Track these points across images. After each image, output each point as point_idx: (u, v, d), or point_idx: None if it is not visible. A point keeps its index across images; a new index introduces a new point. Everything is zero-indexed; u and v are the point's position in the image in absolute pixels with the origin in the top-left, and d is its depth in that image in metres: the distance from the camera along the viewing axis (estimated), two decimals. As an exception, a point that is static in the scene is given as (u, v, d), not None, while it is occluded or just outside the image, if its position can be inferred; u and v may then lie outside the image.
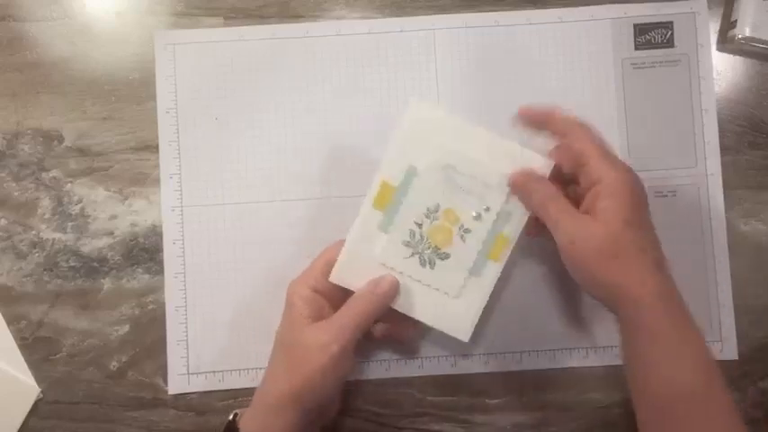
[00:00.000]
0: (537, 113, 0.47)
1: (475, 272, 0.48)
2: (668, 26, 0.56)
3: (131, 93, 0.56)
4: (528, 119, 0.48)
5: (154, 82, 0.56)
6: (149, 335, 0.55)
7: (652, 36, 0.56)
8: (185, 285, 0.55)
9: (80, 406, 0.55)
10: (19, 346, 0.54)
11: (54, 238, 0.55)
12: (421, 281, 0.48)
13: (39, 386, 0.54)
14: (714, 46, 0.57)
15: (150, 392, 0.55)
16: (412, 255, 0.48)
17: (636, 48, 0.56)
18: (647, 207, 0.44)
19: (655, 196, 0.55)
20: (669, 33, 0.56)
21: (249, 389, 0.54)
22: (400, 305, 0.48)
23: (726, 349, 0.55)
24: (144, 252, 0.55)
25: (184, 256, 0.55)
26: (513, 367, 0.55)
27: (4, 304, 0.55)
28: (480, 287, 0.48)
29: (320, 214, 0.55)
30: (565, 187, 0.46)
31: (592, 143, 0.44)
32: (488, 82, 0.56)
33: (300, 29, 0.56)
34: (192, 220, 0.55)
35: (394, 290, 0.47)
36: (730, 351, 0.55)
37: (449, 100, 0.56)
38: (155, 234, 0.55)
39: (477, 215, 0.47)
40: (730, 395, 0.40)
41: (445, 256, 0.48)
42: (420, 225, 0.48)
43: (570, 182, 0.46)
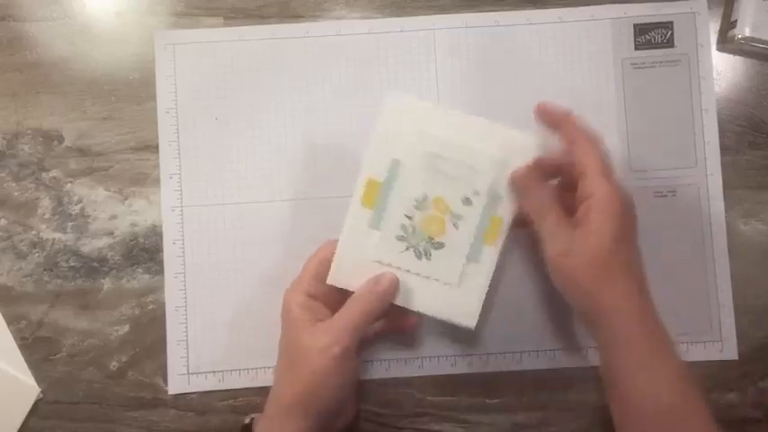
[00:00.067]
0: (552, 114, 0.47)
1: (473, 257, 0.48)
2: (668, 26, 0.56)
3: (131, 93, 0.56)
4: (543, 116, 0.48)
5: (154, 82, 0.56)
6: (149, 335, 0.55)
7: (652, 36, 0.56)
8: (185, 285, 0.55)
9: (80, 406, 0.55)
10: (19, 346, 0.54)
11: (54, 238, 0.55)
12: (419, 273, 0.48)
13: (39, 386, 0.54)
14: (714, 46, 0.57)
15: (150, 392, 0.55)
16: (407, 249, 0.48)
17: (636, 48, 0.56)
18: (636, 227, 0.45)
19: (655, 196, 0.55)
20: (669, 33, 0.56)
21: (249, 389, 0.54)
22: (401, 300, 0.48)
23: (726, 349, 0.55)
24: (144, 252, 0.55)
25: (184, 256, 0.55)
26: (513, 367, 0.55)
27: (4, 304, 0.55)
28: (480, 272, 0.48)
29: (320, 214, 0.55)
30: (564, 192, 0.47)
31: (593, 157, 0.44)
32: (488, 82, 0.56)
33: (300, 29, 0.56)
34: (192, 220, 0.55)
35: (394, 287, 0.47)
36: (730, 351, 0.55)
37: (449, 100, 0.56)
38: (155, 234, 0.55)
39: (465, 199, 0.47)
40: (708, 409, 0.41)
41: (440, 246, 0.48)
42: (411, 218, 0.47)
43: (570, 188, 0.47)
